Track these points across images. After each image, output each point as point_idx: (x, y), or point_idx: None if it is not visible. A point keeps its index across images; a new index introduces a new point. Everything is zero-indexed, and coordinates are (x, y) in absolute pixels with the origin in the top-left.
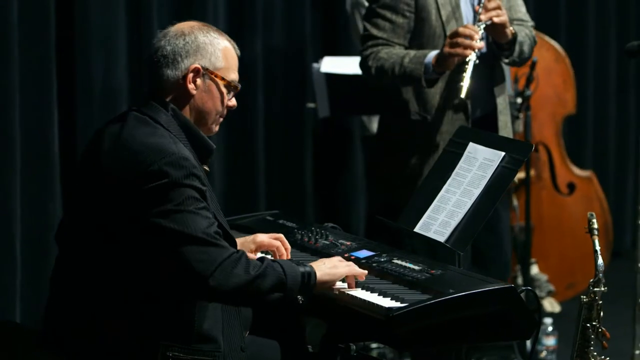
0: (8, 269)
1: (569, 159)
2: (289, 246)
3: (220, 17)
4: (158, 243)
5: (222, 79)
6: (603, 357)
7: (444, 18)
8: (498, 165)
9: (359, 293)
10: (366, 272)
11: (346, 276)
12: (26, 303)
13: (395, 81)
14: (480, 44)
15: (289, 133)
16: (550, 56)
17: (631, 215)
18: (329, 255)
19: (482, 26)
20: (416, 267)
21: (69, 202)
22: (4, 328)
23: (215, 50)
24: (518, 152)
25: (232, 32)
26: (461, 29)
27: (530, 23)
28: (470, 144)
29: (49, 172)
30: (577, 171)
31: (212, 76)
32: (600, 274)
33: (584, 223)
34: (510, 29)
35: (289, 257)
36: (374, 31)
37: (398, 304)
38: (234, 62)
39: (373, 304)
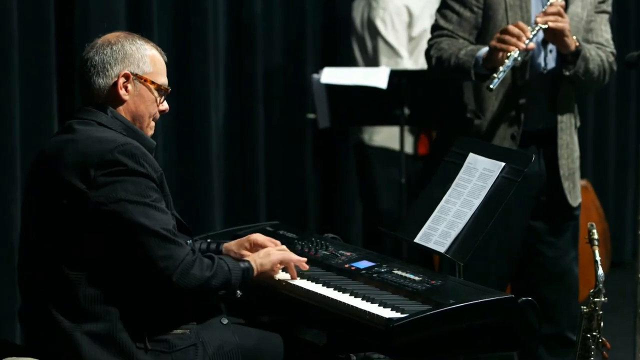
0: (8, 285)
1: None
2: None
3: (220, 28)
4: (118, 233)
5: (152, 82)
6: None
7: (510, 19)
8: (498, 176)
9: (360, 303)
10: (304, 259)
11: (287, 267)
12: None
13: (450, 73)
14: (530, 44)
15: (289, 144)
16: None
17: (631, 225)
18: (329, 266)
19: (537, 28)
20: (416, 278)
21: (23, 226)
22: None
23: (142, 56)
24: (518, 162)
25: (232, 43)
26: (511, 26)
27: (610, 49)
28: (470, 154)
29: None
30: None
31: (142, 80)
32: (601, 284)
33: (583, 232)
34: (573, 40)
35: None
36: (442, 22)
37: (398, 315)
38: (162, 67)
39: (373, 314)
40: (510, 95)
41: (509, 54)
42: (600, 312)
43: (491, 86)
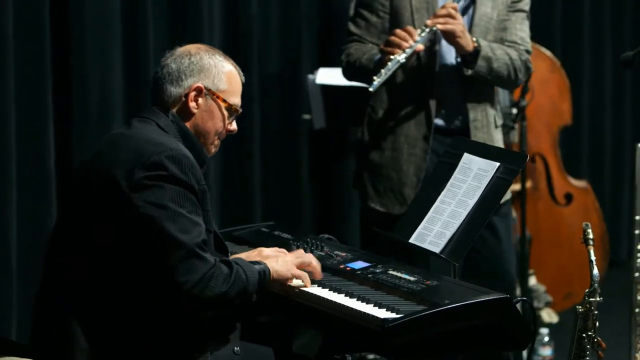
0: (4, 283)
1: (565, 169)
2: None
3: (216, 30)
4: (145, 236)
5: (224, 100)
6: None
7: (416, 22)
8: (493, 176)
9: (355, 304)
10: (319, 270)
11: (301, 277)
12: (22, 320)
13: (356, 77)
14: (418, 46)
15: (285, 144)
16: (545, 67)
17: (627, 226)
18: (324, 267)
19: (427, 30)
20: (412, 278)
21: (61, 213)
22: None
23: (219, 73)
24: (513, 162)
25: (228, 44)
26: (398, 30)
27: (524, 47)
28: (465, 154)
29: (45, 186)
30: (574, 182)
31: (214, 97)
32: (596, 284)
33: (578, 232)
34: (468, 41)
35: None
36: (352, 28)
37: (394, 315)
38: (238, 87)
39: (368, 315)
40: (421, 95)
41: (392, 57)
42: (596, 312)
43: (370, 88)
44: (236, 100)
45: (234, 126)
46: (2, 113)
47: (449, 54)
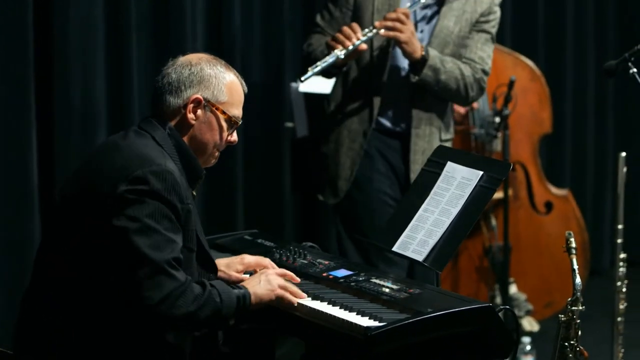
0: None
1: (545, 177)
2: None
3: (199, 36)
4: (118, 249)
5: (223, 112)
6: None
7: (376, 21)
8: (476, 185)
9: (338, 312)
10: (302, 294)
11: (284, 297)
12: (2, 326)
13: (313, 68)
14: (361, 45)
15: (268, 152)
16: (525, 75)
17: (609, 234)
18: (307, 275)
19: (373, 31)
20: (394, 286)
21: (48, 217)
22: None
23: (219, 84)
24: (496, 171)
25: (211, 52)
26: (344, 27)
27: (481, 67)
28: (449, 163)
29: (27, 193)
30: (555, 190)
31: (213, 109)
32: (578, 293)
33: (562, 242)
34: (416, 49)
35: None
36: (318, 19)
37: (376, 323)
38: (238, 98)
39: (351, 323)
40: (369, 92)
41: (332, 51)
42: (578, 321)
43: (302, 78)
44: (236, 111)
45: (234, 137)
46: None
47: (403, 58)
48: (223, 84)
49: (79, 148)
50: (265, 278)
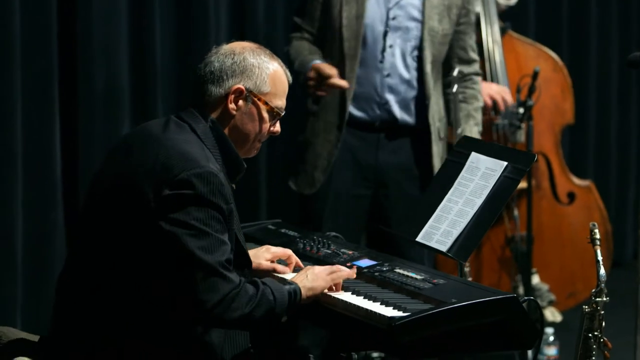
0: (9, 278)
1: (568, 168)
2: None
3: (222, 27)
4: (167, 252)
5: (266, 103)
6: None
7: (344, 12)
8: (500, 175)
9: (361, 302)
10: (353, 273)
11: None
12: (27, 313)
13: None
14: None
15: (292, 140)
16: (548, 66)
17: (632, 225)
18: (331, 265)
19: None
20: (418, 277)
21: (86, 205)
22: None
23: (262, 74)
24: (521, 162)
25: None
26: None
27: (475, 59)
28: (473, 153)
29: (50, 182)
30: (577, 181)
31: (255, 99)
32: (603, 284)
33: (584, 232)
34: None
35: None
36: (295, 16)
37: (400, 314)
38: (282, 89)
39: (375, 313)
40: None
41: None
42: (602, 312)
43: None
44: (279, 102)
45: (276, 128)
46: (9, 111)
47: (375, 49)
48: (266, 74)
49: (103, 136)
50: (311, 271)
